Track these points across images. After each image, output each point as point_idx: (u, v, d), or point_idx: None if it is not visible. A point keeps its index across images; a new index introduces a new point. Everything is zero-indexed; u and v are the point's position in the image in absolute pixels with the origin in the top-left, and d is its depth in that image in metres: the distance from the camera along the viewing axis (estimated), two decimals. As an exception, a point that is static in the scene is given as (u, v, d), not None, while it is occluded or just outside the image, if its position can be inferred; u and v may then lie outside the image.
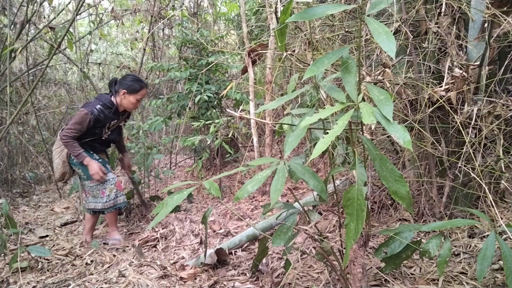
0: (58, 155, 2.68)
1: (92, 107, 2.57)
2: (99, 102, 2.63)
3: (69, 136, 2.52)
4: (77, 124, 2.53)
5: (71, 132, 2.52)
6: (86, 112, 2.54)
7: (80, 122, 2.53)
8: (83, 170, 2.63)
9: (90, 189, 2.69)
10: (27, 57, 4.29)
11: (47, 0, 3.59)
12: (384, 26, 1.13)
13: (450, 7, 2.07)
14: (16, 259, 2.25)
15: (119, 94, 2.66)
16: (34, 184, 4.83)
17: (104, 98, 2.67)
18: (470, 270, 1.71)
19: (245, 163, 1.60)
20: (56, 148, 2.71)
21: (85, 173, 2.64)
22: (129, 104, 2.68)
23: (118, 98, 2.68)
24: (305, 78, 1.27)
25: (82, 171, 2.65)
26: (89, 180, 2.65)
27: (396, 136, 1.11)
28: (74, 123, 2.53)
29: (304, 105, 2.67)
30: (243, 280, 1.95)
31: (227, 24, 6.01)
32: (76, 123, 2.53)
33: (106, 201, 2.67)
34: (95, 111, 2.57)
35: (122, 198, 2.74)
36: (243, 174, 3.78)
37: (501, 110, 1.91)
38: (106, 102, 2.64)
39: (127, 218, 3.27)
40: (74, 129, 2.52)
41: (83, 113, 2.54)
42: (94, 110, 2.57)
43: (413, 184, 2.38)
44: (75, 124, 2.53)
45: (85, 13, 4.68)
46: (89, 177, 2.63)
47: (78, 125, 2.53)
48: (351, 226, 1.19)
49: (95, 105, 2.59)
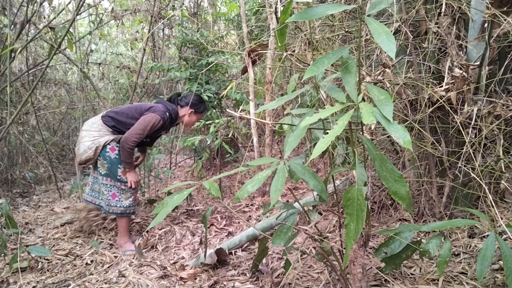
0: (93, 139, 2.46)
1: (162, 114, 2.47)
2: (167, 109, 2.53)
3: (136, 141, 2.39)
4: (145, 130, 2.41)
5: (139, 137, 2.39)
6: (158, 118, 2.44)
7: (149, 128, 2.42)
8: (110, 167, 2.47)
9: (100, 185, 2.55)
10: (27, 57, 4.29)
11: (47, 0, 3.58)
12: (384, 26, 1.13)
13: (450, 7, 2.07)
14: (16, 259, 2.24)
15: (182, 110, 2.64)
16: (34, 184, 4.83)
17: (171, 107, 2.58)
18: (470, 270, 1.71)
19: (245, 163, 1.60)
20: (91, 130, 2.49)
21: (110, 170, 2.47)
22: (190, 123, 2.68)
23: (180, 112, 2.66)
24: (305, 78, 1.27)
25: (108, 168, 2.47)
26: (105, 177, 2.50)
27: (396, 136, 1.11)
28: (143, 128, 2.40)
29: (304, 105, 2.66)
30: (243, 280, 1.95)
31: (227, 24, 6.01)
32: (144, 129, 2.41)
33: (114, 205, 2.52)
34: (165, 118, 2.48)
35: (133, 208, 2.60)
36: (243, 174, 3.78)
37: (501, 110, 1.91)
38: (173, 112, 2.57)
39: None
40: (142, 134, 2.40)
41: (155, 119, 2.43)
42: (165, 116, 2.47)
43: (413, 184, 2.38)
44: (143, 129, 2.40)
45: (85, 13, 4.67)
46: (109, 175, 2.49)
47: (146, 131, 2.42)
48: (351, 226, 1.19)
49: (165, 111, 2.49)
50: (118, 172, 2.49)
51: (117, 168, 2.48)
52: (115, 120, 2.51)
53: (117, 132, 2.51)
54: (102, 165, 2.49)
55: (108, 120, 2.50)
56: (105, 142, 2.45)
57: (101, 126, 2.49)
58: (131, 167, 2.47)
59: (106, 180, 2.51)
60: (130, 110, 2.53)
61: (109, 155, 2.46)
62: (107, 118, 2.51)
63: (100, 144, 2.44)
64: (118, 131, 2.51)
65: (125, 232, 2.60)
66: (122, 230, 2.59)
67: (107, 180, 2.51)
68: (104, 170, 2.50)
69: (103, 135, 2.47)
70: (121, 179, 2.50)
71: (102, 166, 2.49)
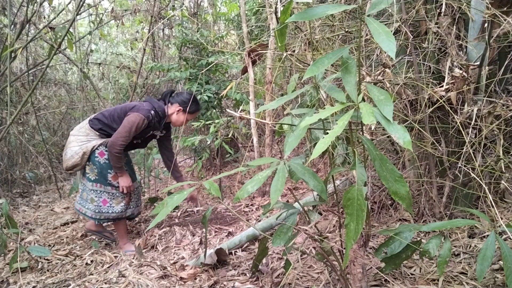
0: (80, 144, 2.40)
1: (146, 112, 2.37)
2: (152, 107, 2.42)
3: (123, 144, 2.30)
4: (130, 131, 2.31)
5: (125, 139, 2.30)
6: (142, 117, 2.34)
7: (134, 129, 2.33)
8: (100, 172, 2.42)
9: (89, 192, 2.45)
10: (27, 57, 4.30)
11: (47, 0, 3.59)
12: (384, 26, 1.13)
13: (450, 7, 2.07)
14: (16, 259, 2.24)
15: (172, 108, 2.51)
16: (34, 184, 4.83)
17: (157, 104, 2.47)
18: (470, 270, 1.71)
19: (245, 163, 1.60)
20: (79, 135, 2.43)
21: (99, 174, 2.42)
22: (178, 122, 2.53)
23: (169, 110, 2.52)
24: (305, 78, 1.27)
25: (98, 173, 2.42)
26: (95, 183, 2.44)
27: (396, 136, 1.11)
28: (128, 130, 2.30)
29: (304, 105, 2.67)
30: (243, 280, 1.95)
31: (227, 24, 6.01)
32: (130, 131, 2.31)
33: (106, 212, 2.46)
34: (150, 117, 2.38)
35: (130, 210, 2.56)
36: (243, 174, 3.78)
37: (501, 110, 1.91)
38: (159, 110, 2.45)
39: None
40: (128, 137, 2.31)
41: (139, 118, 2.33)
42: (149, 115, 2.38)
43: (413, 184, 2.38)
44: (128, 131, 2.31)
45: (85, 13, 4.68)
46: (98, 181, 2.43)
47: (132, 132, 2.32)
48: (351, 226, 1.19)
49: (149, 110, 2.39)
50: (108, 177, 2.44)
51: (107, 173, 2.43)
52: (101, 122, 2.44)
53: (105, 135, 2.44)
54: (92, 170, 2.43)
55: (95, 123, 2.44)
56: (93, 147, 2.39)
57: (88, 130, 2.43)
58: (122, 171, 2.40)
59: (95, 186, 2.45)
60: (116, 111, 2.45)
61: (98, 160, 2.40)
62: (94, 121, 2.44)
63: (88, 150, 2.38)
64: (106, 134, 2.44)
65: (123, 234, 2.58)
66: (120, 233, 2.58)
67: (97, 186, 2.45)
68: (93, 176, 2.44)
69: (91, 140, 2.41)
70: (111, 183, 2.45)
71: (91, 171, 2.43)
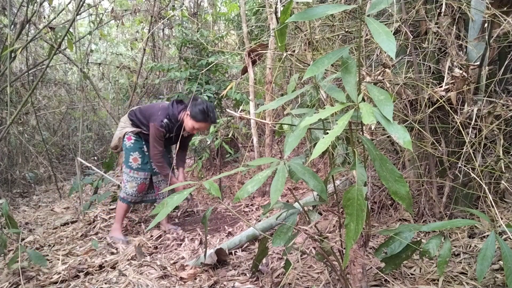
0: (120, 129, 2.80)
1: (159, 122, 2.64)
2: (166, 114, 2.67)
3: (158, 153, 2.64)
4: (155, 141, 2.63)
5: (157, 149, 2.63)
6: (157, 128, 2.63)
7: (158, 138, 2.64)
8: (125, 154, 2.75)
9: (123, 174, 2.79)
10: (27, 57, 4.30)
11: (47, 0, 3.59)
12: (384, 26, 1.13)
13: (450, 7, 2.07)
14: (16, 259, 2.24)
15: (184, 112, 2.70)
16: (34, 184, 4.83)
17: (171, 111, 2.70)
18: (470, 270, 1.71)
19: (245, 163, 1.60)
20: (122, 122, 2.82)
21: (125, 156, 2.75)
22: (187, 126, 2.71)
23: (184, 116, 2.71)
24: (305, 78, 1.27)
25: (124, 155, 2.76)
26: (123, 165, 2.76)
27: (396, 136, 1.11)
28: (153, 141, 2.63)
29: (304, 105, 2.67)
30: (243, 280, 1.95)
31: (227, 24, 6.01)
32: (154, 141, 2.63)
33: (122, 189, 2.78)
34: (163, 125, 2.65)
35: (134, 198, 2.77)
36: (243, 174, 3.78)
37: (501, 110, 1.91)
38: (172, 118, 2.70)
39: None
40: (156, 146, 2.63)
41: (154, 129, 2.63)
42: (162, 124, 2.65)
43: (413, 184, 2.38)
44: (153, 142, 2.63)
45: (85, 13, 4.68)
46: (124, 163, 2.75)
47: (157, 141, 2.64)
48: (351, 226, 1.19)
49: (162, 119, 2.65)
50: (129, 158, 2.73)
51: (129, 155, 2.73)
52: (135, 116, 2.79)
53: (135, 126, 2.78)
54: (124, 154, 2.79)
55: (132, 114, 2.80)
56: (125, 133, 2.77)
57: (126, 119, 2.83)
58: (169, 177, 2.69)
59: (124, 168, 2.79)
60: (147, 110, 2.77)
61: (125, 143, 2.76)
62: (131, 112, 2.82)
63: (122, 134, 2.78)
64: (136, 125, 2.79)
65: (120, 218, 2.78)
66: (117, 215, 2.78)
67: (124, 167, 2.79)
68: (122, 159, 2.80)
69: (125, 127, 2.80)
70: (131, 166, 2.73)
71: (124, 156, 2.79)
